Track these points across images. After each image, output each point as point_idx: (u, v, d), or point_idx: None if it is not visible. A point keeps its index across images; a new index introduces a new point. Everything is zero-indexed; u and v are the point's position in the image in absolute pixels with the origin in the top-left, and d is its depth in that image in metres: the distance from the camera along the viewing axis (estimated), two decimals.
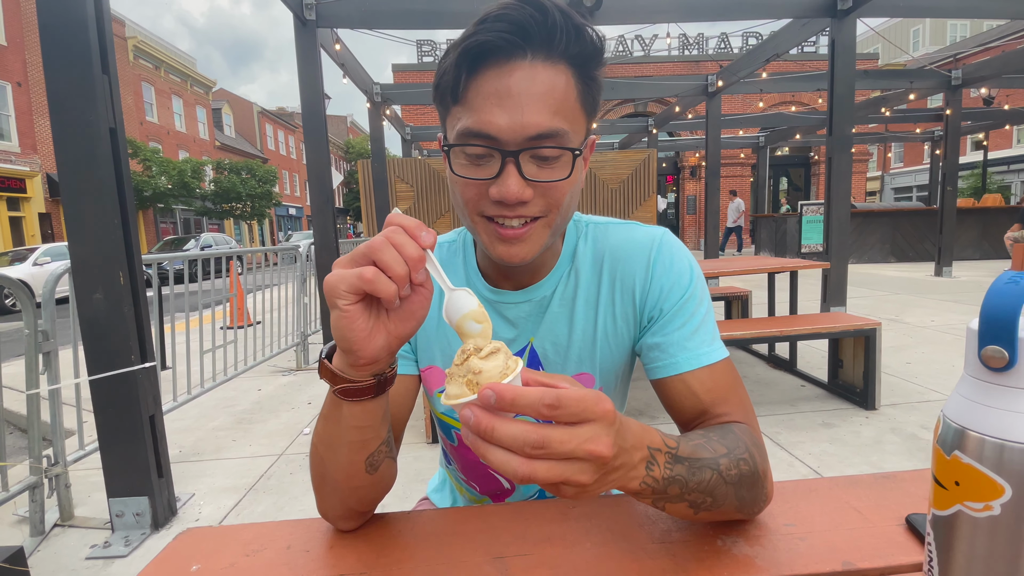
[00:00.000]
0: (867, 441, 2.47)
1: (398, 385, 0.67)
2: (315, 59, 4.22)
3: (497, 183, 0.54)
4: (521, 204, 0.55)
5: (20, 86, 16.76)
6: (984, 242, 10.27)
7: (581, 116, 0.56)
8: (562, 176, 0.55)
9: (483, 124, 0.52)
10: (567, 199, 0.57)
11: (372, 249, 0.41)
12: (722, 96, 7.43)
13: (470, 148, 0.54)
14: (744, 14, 4.59)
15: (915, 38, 31.88)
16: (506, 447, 0.34)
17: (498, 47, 0.51)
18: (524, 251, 0.58)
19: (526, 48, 0.51)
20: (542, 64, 0.52)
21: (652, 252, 0.66)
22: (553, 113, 0.52)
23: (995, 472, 0.30)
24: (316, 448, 0.55)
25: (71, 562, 1.80)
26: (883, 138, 14.33)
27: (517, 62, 0.51)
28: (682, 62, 17.22)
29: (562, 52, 0.52)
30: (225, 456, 2.64)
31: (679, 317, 0.64)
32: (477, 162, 0.55)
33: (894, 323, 4.81)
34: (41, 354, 1.97)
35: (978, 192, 15.83)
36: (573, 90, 0.54)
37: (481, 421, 0.34)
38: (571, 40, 0.52)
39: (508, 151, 0.53)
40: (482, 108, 0.52)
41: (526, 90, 0.51)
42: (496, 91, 0.52)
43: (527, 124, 0.52)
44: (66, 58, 1.73)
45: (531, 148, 0.53)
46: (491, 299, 0.68)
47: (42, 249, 10.67)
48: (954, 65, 8.01)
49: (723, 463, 0.49)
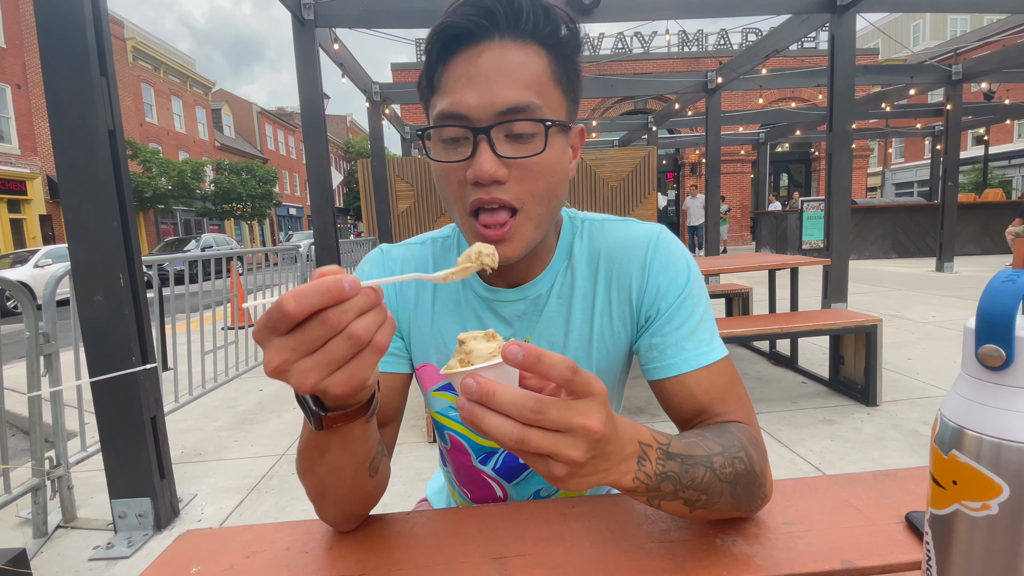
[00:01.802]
0: (868, 438, 2.47)
1: (390, 383, 0.67)
2: (314, 59, 4.22)
3: (472, 163, 0.53)
4: (497, 185, 0.54)
5: (20, 88, 16.76)
6: (985, 237, 10.25)
7: (557, 94, 0.56)
8: (537, 151, 0.54)
9: (454, 104, 0.53)
10: (545, 184, 0.56)
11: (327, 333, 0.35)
12: (722, 92, 7.40)
13: (445, 131, 0.55)
14: (743, 10, 4.58)
15: (915, 33, 31.78)
16: (504, 411, 0.35)
17: (467, 30, 0.52)
18: (509, 250, 0.57)
19: (493, 30, 0.52)
20: (512, 44, 0.53)
21: (649, 250, 0.65)
22: (523, 87, 0.52)
23: (993, 471, 0.30)
24: (314, 472, 0.52)
25: (74, 563, 1.80)
26: (884, 134, 14.30)
27: (486, 44, 0.52)
28: (682, 59, 17.17)
29: (531, 32, 0.53)
30: (227, 456, 2.64)
31: (677, 317, 0.63)
32: (452, 145, 0.55)
33: (895, 319, 4.80)
34: (42, 356, 1.98)
35: (979, 187, 15.79)
36: (547, 69, 0.54)
37: (483, 385, 0.35)
38: (539, 20, 0.53)
39: (479, 128, 0.53)
40: (453, 90, 0.53)
41: (495, 68, 0.52)
42: (467, 72, 0.52)
43: (496, 99, 0.52)
44: (64, 60, 1.73)
45: (502, 122, 0.52)
46: (486, 297, 0.68)
47: (43, 251, 10.68)
48: (954, 60, 7.97)
49: (717, 461, 0.49)
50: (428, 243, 0.73)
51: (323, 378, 0.36)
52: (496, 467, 0.72)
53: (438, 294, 0.70)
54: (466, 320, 0.68)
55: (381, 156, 7.55)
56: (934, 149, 13.10)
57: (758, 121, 11.91)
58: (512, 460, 0.72)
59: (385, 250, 0.72)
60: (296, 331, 0.35)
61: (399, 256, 0.72)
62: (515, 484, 0.73)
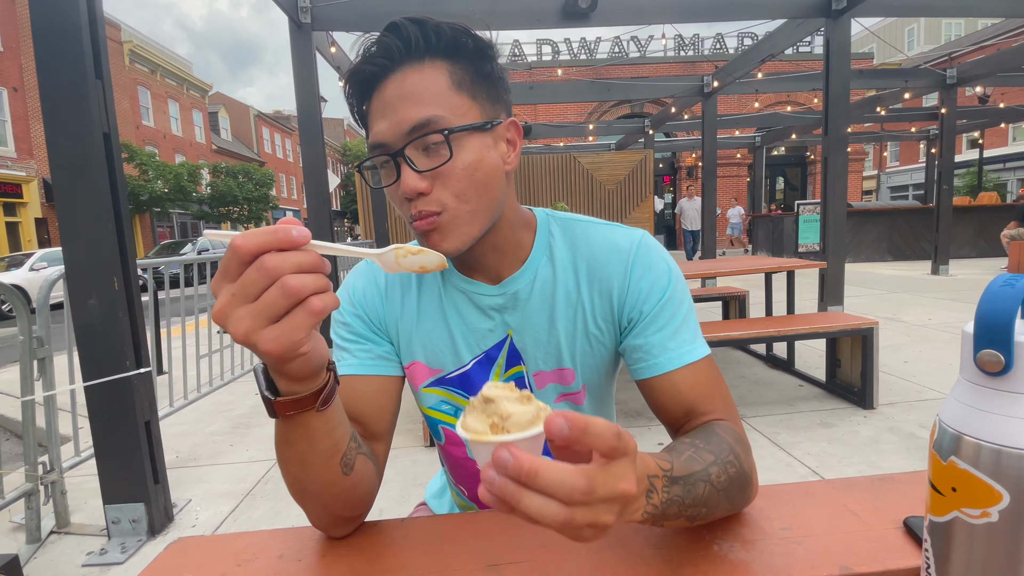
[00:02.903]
0: (865, 440, 2.47)
1: (379, 386, 0.68)
2: (311, 62, 4.22)
3: (399, 184, 0.58)
4: (423, 197, 0.58)
5: (16, 91, 16.72)
6: (981, 240, 10.30)
7: (463, 99, 0.58)
8: (445, 159, 0.57)
9: (373, 136, 0.59)
10: (466, 183, 0.59)
11: (265, 281, 0.37)
12: (718, 96, 7.43)
13: (372, 160, 0.61)
14: (739, 15, 4.60)
15: (910, 37, 32.00)
16: (549, 493, 0.31)
17: (372, 73, 0.58)
18: (440, 242, 0.60)
19: (393, 64, 0.57)
20: (410, 69, 0.57)
21: (631, 256, 0.67)
22: (422, 104, 0.56)
23: (992, 478, 0.30)
24: (287, 469, 0.53)
25: (68, 569, 1.78)
26: (879, 137, 14.37)
27: (389, 77, 0.58)
28: (678, 63, 17.25)
29: (424, 51, 0.57)
30: (222, 461, 2.62)
31: (660, 319, 0.65)
32: (385, 170, 0.61)
33: (891, 322, 4.81)
34: (36, 360, 1.96)
35: (974, 190, 15.88)
36: (444, 79, 0.58)
37: (524, 463, 0.31)
38: (429, 39, 0.57)
39: (394, 152, 0.58)
40: (372, 124, 0.60)
41: (397, 95, 0.57)
42: (379, 106, 0.58)
43: (400, 122, 0.57)
44: (59, 63, 1.72)
45: (409, 142, 0.57)
46: (466, 289, 0.69)
47: (38, 254, 10.63)
48: (949, 64, 8.04)
49: (713, 471, 0.49)
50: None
51: (256, 329, 0.37)
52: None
53: (422, 293, 0.71)
54: (448, 314, 0.70)
55: None
56: (929, 153, 13.18)
57: (754, 125, 11.97)
58: None
59: (370, 261, 0.73)
60: (240, 278, 0.37)
61: None
62: None
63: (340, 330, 0.70)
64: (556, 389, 0.70)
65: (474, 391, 0.70)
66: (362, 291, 0.71)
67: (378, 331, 0.71)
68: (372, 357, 0.69)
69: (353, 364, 0.68)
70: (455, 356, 0.70)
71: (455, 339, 0.70)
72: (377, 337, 0.71)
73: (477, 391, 0.36)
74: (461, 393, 0.71)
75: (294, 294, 0.36)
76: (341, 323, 0.70)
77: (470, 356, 0.70)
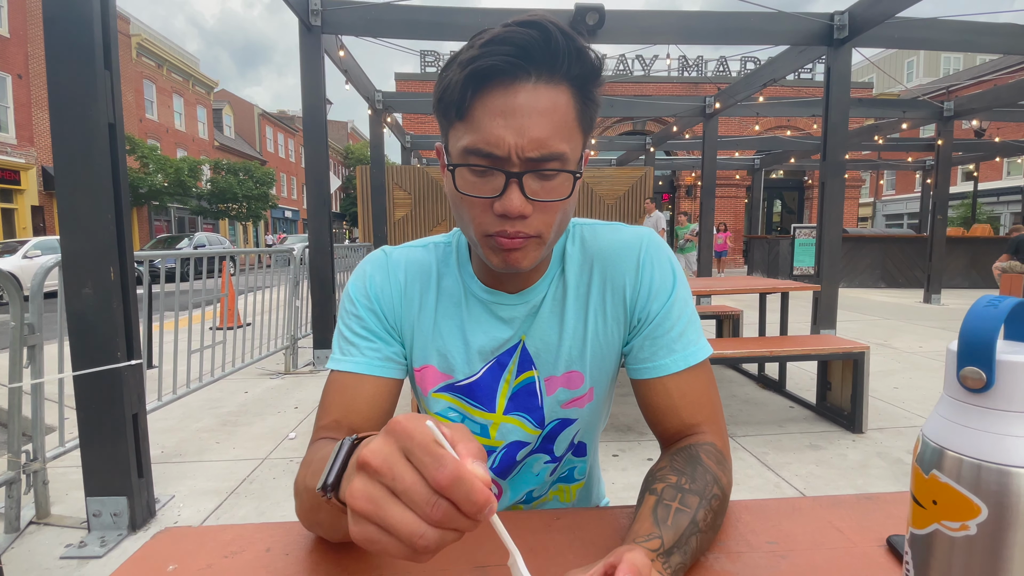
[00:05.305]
0: (853, 464, 2.48)
1: (380, 388, 0.67)
2: (318, 64, 4.25)
3: (501, 199, 0.55)
4: (522, 219, 0.56)
5: (21, 78, 16.70)
6: (973, 271, 10.41)
7: (579, 135, 0.57)
8: (562, 196, 0.57)
9: (487, 144, 0.53)
10: (563, 216, 0.60)
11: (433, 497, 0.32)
12: (719, 118, 7.53)
13: (475, 167, 0.55)
14: (743, 39, 4.68)
15: (909, 69, 32.55)
16: None
17: (503, 70, 0.52)
18: (522, 260, 0.59)
19: (530, 70, 0.52)
20: (545, 85, 0.53)
21: (641, 253, 0.68)
22: (554, 134, 0.54)
23: (972, 492, 0.31)
24: (309, 518, 0.53)
25: (45, 561, 1.76)
26: (876, 165, 14.57)
27: (521, 84, 0.53)
28: (681, 83, 17.47)
29: (564, 73, 0.54)
30: (208, 458, 2.60)
31: (667, 321, 0.66)
32: (480, 175, 0.56)
33: (882, 348, 4.84)
34: (26, 347, 1.95)
35: (968, 222, 16.09)
36: (572, 110, 0.55)
37: None
38: (572, 62, 0.53)
39: (512, 172, 0.54)
40: (487, 128, 0.53)
41: (529, 111, 0.52)
42: (501, 111, 0.53)
43: (530, 144, 0.53)
44: (69, 52, 1.73)
45: (534, 170, 0.54)
46: (486, 299, 0.69)
47: (33, 242, 10.56)
48: (947, 97, 8.18)
49: (699, 516, 0.51)
50: (431, 247, 0.73)
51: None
52: (492, 466, 0.72)
53: (441, 296, 0.70)
54: (466, 323, 0.69)
55: (380, 163, 7.58)
56: (924, 183, 13.34)
57: (753, 147, 12.10)
58: (508, 459, 0.72)
59: (388, 252, 0.73)
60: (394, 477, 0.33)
61: (402, 258, 0.72)
62: (509, 480, 0.75)
63: (351, 322, 0.68)
64: (564, 395, 0.70)
65: (483, 398, 0.70)
66: (380, 285, 0.69)
67: (391, 330, 0.69)
68: (380, 358, 0.67)
69: (360, 363, 0.66)
70: (468, 365, 0.70)
71: (470, 348, 0.69)
72: (388, 336, 0.69)
73: (486, 398, 0.36)
74: (469, 401, 0.71)
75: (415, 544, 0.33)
76: (353, 315, 0.68)
77: (482, 364, 0.70)
